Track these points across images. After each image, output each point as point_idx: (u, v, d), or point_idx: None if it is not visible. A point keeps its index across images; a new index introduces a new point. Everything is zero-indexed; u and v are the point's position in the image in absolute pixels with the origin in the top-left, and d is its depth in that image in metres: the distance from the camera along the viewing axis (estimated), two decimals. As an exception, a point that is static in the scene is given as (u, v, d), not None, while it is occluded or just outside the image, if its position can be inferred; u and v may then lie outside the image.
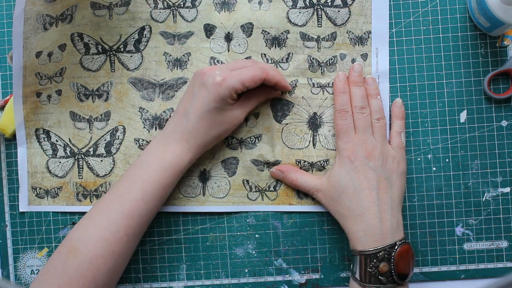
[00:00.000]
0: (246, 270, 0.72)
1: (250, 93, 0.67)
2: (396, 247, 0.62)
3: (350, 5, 0.70)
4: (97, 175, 0.72)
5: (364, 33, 0.70)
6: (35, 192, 0.73)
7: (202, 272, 0.72)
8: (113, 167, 0.72)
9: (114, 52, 0.72)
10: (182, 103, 0.66)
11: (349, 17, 0.70)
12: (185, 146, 0.65)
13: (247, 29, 0.71)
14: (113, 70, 0.72)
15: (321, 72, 0.70)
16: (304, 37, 0.70)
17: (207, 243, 0.72)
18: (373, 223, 0.63)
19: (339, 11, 0.70)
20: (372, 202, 0.63)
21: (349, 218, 0.64)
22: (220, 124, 0.66)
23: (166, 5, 0.71)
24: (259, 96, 0.69)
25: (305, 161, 0.70)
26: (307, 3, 0.70)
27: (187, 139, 0.65)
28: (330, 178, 0.66)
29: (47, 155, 0.73)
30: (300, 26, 0.70)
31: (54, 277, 0.61)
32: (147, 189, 0.64)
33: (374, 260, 0.62)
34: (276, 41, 0.71)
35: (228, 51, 0.71)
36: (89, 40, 0.72)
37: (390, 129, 0.69)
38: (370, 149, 0.65)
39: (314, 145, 0.71)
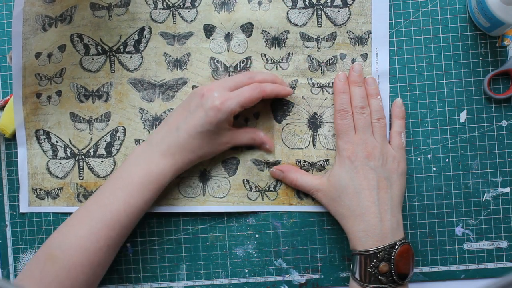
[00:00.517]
0: (246, 270, 0.72)
1: (244, 128, 0.69)
2: (396, 247, 0.62)
3: (350, 5, 0.70)
4: (98, 176, 0.72)
5: (364, 33, 0.70)
6: (36, 193, 0.73)
7: (202, 272, 0.72)
8: (113, 168, 0.72)
9: (114, 53, 0.72)
10: (174, 117, 0.66)
11: (349, 17, 0.70)
12: (170, 160, 0.65)
13: (247, 29, 0.71)
14: (113, 71, 0.72)
15: (321, 72, 0.70)
16: (304, 37, 0.70)
17: (207, 243, 0.72)
18: (373, 223, 0.63)
19: (339, 11, 0.70)
20: (372, 202, 0.63)
21: (349, 218, 0.64)
22: (209, 146, 0.66)
23: (165, 6, 0.71)
24: (253, 135, 0.70)
25: (305, 161, 0.70)
26: (307, 3, 0.70)
27: (173, 153, 0.65)
28: (330, 178, 0.66)
29: (47, 156, 0.73)
30: (300, 26, 0.70)
31: (31, 283, 0.61)
32: (129, 201, 0.64)
33: (374, 260, 0.62)
34: (276, 41, 0.71)
35: (228, 51, 0.71)
36: (88, 41, 0.72)
37: (390, 129, 0.69)
38: (370, 149, 0.65)
39: (314, 145, 0.71)
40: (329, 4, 0.70)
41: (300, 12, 0.70)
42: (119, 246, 0.66)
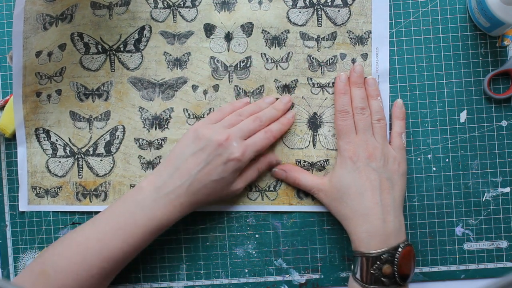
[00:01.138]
0: (246, 270, 0.72)
1: (250, 164, 0.69)
2: (400, 249, 0.62)
3: (350, 5, 0.70)
4: (97, 175, 0.72)
5: (365, 33, 0.70)
6: (35, 192, 0.73)
7: (202, 272, 0.72)
8: (113, 167, 0.72)
9: (114, 52, 0.72)
10: (186, 165, 0.64)
11: (349, 17, 0.70)
12: (177, 208, 0.65)
13: (247, 28, 0.71)
14: (113, 70, 0.72)
15: (321, 72, 0.70)
16: (304, 36, 0.70)
17: (207, 243, 0.72)
18: (376, 224, 0.63)
19: (339, 11, 0.70)
20: (375, 203, 0.63)
21: (352, 219, 0.64)
22: (220, 193, 0.66)
23: (166, 5, 0.71)
24: (259, 167, 0.70)
25: (305, 161, 0.70)
26: (307, 3, 0.70)
27: (182, 202, 0.64)
28: (332, 179, 0.66)
29: (47, 154, 0.73)
30: (300, 25, 0.70)
31: None
32: (129, 241, 0.64)
33: (378, 262, 0.62)
34: (276, 41, 0.71)
35: (228, 50, 0.71)
36: (89, 40, 0.72)
37: (390, 130, 0.69)
38: (371, 150, 0.65)
39: (314, 145, 0.71)
40: (329, 3, 0.70)
41: (300, 12, 0.70)
42: (112, 277, 0.66)
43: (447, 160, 0.70)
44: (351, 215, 0.64)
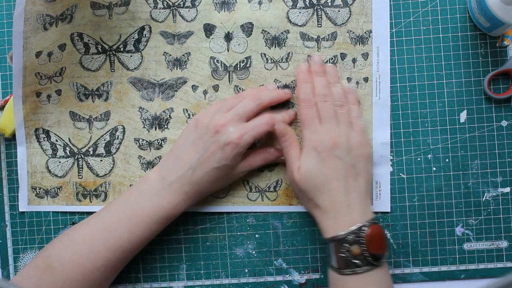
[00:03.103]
0: (246, 270, 0.72)
1: (258, 152, 0.69)
2: (365, 228, 0.61)
3: (351, 4, 0.70)
4: (97, 175, 0.72)
5: (365, 32, 0.70)
6: (35, 192, 0.73)
7: (202, 272, 0.72)
8: (113, 167, 0.72)
9: (114, 52, 0.72)
10: (187, 154, 0.66)
11: (349, 17, 0.70)
12: (183, 197, 0.65)
13: (247, 29, 0.71)
14: (113, 70, 0.72)
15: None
16: (304, 37, 0.70)
17: (207, 243, 0.72)
18: (342, 211, 0.62)
19: (339, 11, 0.70)
20: (340, 191, 0.63)
21: (319, 209, 0.64)
22: (224, 179, 0.67)
23: (166, 5, 0.71)
24: (266, 158, 0.70)
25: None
26: (307, 3, 0.70)
27: (186, 191, 0.65)
28: (300, 171, 0.65)
29: (46, 155, 0.73)
30: (300, 26, 0.70)
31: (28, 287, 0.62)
32: (135, 231, 0.64)
33: (345, 244, 0.61)
34: (276, 41, 0.71)
35: (228, 50, 0.71)
36: (89, 40, 0.72)
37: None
38: (336, 138, 0.64)
39: (314, 145, 0.71)
40: (329, 4, 0.70)
41: (300, 12, 0.70)
42: (118, 269, 0.66)
43: (447, 160, 0.70)
44: (318, 204, 0.64)
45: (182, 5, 0.71)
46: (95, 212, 0.72)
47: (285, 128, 0.68)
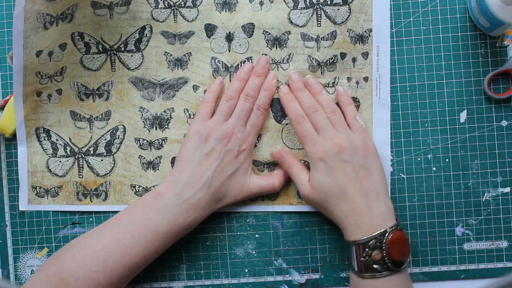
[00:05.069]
0: (246, 270, 0.72)
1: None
2: (387, 234, 0.61)
3: (350, 2, 0.70)
4: (97, 175, 0.72)
5: (365, 31, 0.70)
6: (35, 191, 0.73)
7: (202, 272, 0.72)
8: (113, 167, 0.72)
9: (114, 52, 0.72)
10: (201, 167, 0.66)
11: (349, 15, 0.70)
12: (200, 213, 0.66)
13: (248, 29, 0.71)
14: (113, 70, 0.72)
15: (321, 72, 0.70)
16: (305, 37, 0.70)
17: (207, 243, 0.72)
18: (363, 214, 0.62)
19: (338, 9, 0.70)
20: (357, 194, 0.63)
21: (340, 215, 0.64)
22: (237, 187, 0.68)
23: (167, 5, 0.71)
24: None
25: (305, 161, 0.70)
26: (307, 3, 0.70)
27: (203, 205, 0.66)
28: (312, 185, 0.66)
29: (47, 154, 0.73)
30: (301, 26, 0.70)
31: None
32: (150, 248, 0.64)
33: (366, 249, 0.61)
34: (277, 42, 0.71)
35: (229, 51, 0.71)
36: (89, 40, 0.72)
37: (345, 118, 0.68)
38: (339, 143, 0.65)
39: (314, 145, 0.71)
40: (329, 2, 0.70)
41: (301, 13, 0.70)
42: (130, 279, 0.67)
43: (447, 160, 0.70)
44: (338, 212, 0.64)
45: (183, 5, 0.71)
46: (95, 212, 0.72)
47: (278, 152, 0.70)
